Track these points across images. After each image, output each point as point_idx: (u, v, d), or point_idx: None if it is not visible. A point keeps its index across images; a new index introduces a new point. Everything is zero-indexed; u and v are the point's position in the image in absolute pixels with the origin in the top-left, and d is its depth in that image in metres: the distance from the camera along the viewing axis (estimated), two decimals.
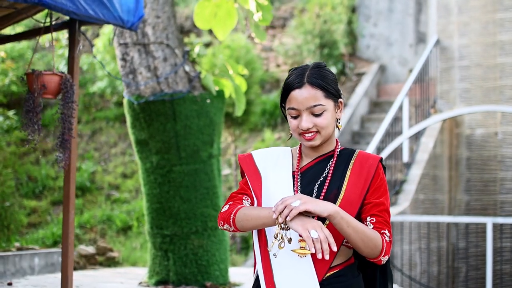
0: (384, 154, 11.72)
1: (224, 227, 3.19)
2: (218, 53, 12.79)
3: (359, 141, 14.31)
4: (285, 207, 2.94)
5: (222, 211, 3.22)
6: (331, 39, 15.01)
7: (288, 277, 3.13)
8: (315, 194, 3.17)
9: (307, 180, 3.24)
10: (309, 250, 2.98)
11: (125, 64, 8.18)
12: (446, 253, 12.77)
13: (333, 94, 3.20)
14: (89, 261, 11.80)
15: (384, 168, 3.29)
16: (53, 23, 6.27)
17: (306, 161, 3.31)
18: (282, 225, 2.98)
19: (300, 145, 3.36)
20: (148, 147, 8.25)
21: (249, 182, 3.29)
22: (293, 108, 3.15)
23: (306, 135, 3.17)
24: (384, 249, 3.13)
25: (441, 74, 14.02)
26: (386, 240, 3.14)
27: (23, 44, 15.77)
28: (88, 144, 15.11)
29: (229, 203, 3.25)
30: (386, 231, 3.16)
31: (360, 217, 3.17)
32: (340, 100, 3.25)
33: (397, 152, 12.75)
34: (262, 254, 3.20)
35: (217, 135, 8.37)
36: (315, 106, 3.13)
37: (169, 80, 8.15)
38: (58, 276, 9.21)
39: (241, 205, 3.19)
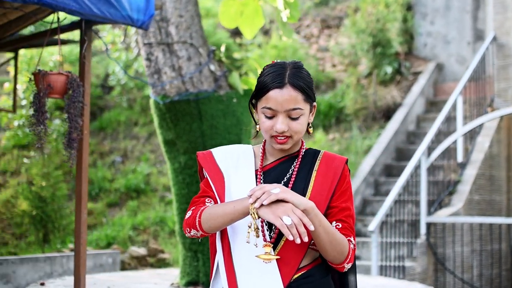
0: (435, 154, 11.47)
1: (191, 234, 3.07)
2: (266, 54, 12.71)
3: (414, 141, 14.05)
4: (264, 193, 2.84)
5: (185, 218, 3.11)
6: (384, 37, 14.77)
7: (252, 281, 3.02)
8: None
9: (270, 180, 3.12)
10: (274, 255, 2.93)
11: (150, 64, 8.17)
12: (505, 255, 12.41)
13: (311, 97, 3.09)
14: (140, 263, 11.88)
15: (349, 170, 3.19)
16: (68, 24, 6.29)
17: (269, 160, 3.20)
18: (255, 214, 2.87)
19: (264, 143, 3.25)
20: (176, 147, 8.22)
21: (211, 183, 3.17)
22: (269, 108, 3.03)
23: (279, 138, 3.05)
24: (349, 256, 3.03)
25: (498, 71, 13.66)
26: (351, 247, 3.04)
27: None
28: (144, 146, 15.21)
29: (192, 208, 3.13)
30: (352, 238, 3.06)
31: None
32: (314, 104, 3.15)
33: (450, 152, 12.47)
34: (225, 258, 3.09)
35: (245, 134, 8.28)
36: (294, 109, 3.02)
37: (193, 80, 8.10)
38: (96, 276, 9.27)
39: (204, 206, 3.07)
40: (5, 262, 9.12)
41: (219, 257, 3.10)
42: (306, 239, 2.79)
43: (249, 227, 2.88)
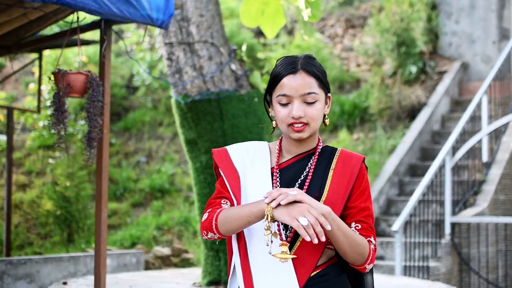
0: (460, 153, 11.40)
1: (208, 236, 3.05)
2: (289, 54, 12.68)
3: (439, 141, 13.97)
4: (280, 194, 2.81)
5: (202, 220, 3.08)
6: (408, 37, 14.70)
7: (268, 281, 3.01)
8: None
9: (287, 178, 3.09)
10: (290, 254, 2.91)
11: (171, 64, 8.18)
12: None
13: (325, 85, 3.08)
14: (164, 262, 11.91)
15: (366, 168, 3.15)
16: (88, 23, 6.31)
17: (286, 157, 3.16)
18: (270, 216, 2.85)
19: (280, 140, 3.22)
20: (197, 147, 8.23)
21: (227, 182, 3.13)
22: (284, 95, 3.02)
23: (296, 125, 3.02)
24: (370, 257, 3.01)
25: None
26: (372, 248, 3.01)
27: None
28: (169, 147, 15.25)
29: (208, 211, 3.10)
30: (372, 239, 3.03)
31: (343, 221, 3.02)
32: (329, 94, 3.13)
33: (475, 152, 12.38)
34: (241, 258, 3.07)
35: (267, 132, 8.26)
36: (309, 93, 3.00)
37: (214, 79, 8.10)
38: (119, 276, 9.30)
39: (220, 209, 3.05)
40: (29, 261, 9.18)
41: (235, 257, 3.08)
42: (323, 239, 2.77)
43: (266, 229, 2.86)
